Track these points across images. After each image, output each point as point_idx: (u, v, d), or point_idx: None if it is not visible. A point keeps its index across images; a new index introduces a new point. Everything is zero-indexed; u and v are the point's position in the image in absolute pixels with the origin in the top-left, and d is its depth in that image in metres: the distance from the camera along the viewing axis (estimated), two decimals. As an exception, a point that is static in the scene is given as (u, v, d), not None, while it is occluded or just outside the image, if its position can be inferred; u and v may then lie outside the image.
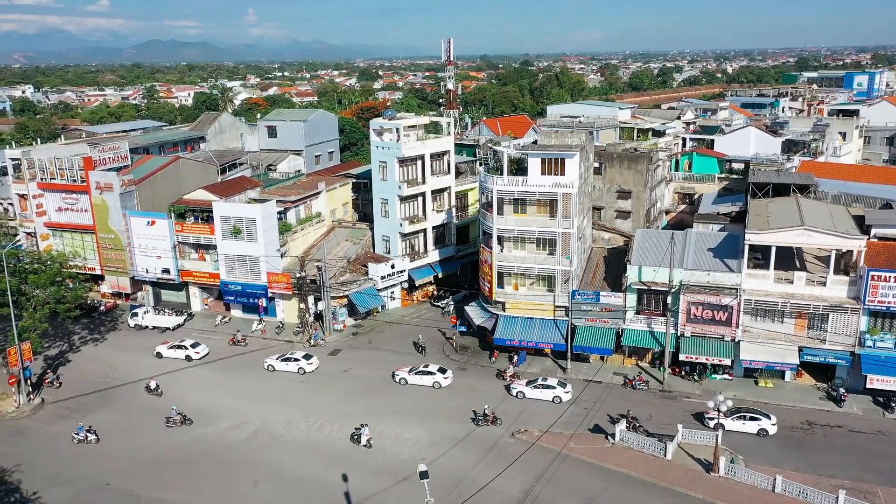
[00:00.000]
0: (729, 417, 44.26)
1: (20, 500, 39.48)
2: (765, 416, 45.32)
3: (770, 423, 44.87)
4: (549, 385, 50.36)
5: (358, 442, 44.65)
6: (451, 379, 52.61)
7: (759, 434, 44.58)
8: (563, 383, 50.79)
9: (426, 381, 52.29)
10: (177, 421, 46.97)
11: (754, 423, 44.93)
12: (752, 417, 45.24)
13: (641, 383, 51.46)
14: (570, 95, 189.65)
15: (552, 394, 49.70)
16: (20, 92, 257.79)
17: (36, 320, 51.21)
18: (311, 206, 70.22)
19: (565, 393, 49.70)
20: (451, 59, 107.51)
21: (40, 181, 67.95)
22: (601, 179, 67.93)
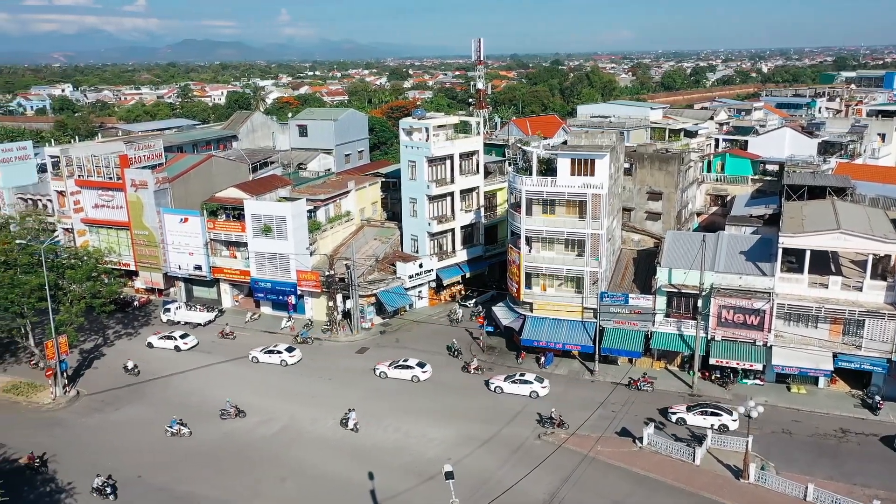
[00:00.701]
0: (690, 412, 46.09)
1: (55, 489, 40.45)
2: (726, 412, 45.93)
3: (731, 419, 45.45)
4: (526, 381, 50.97)
5: (345, 426, 46.26)
6: (429, 373, 53.37)
7: (720, 430, 44.93)
8: (539, 379, 51.41)
9: (405, 374, 53.23)
10: (231, 414, 47.79)
11: (715, 419, 45.65)
12: (712, 413, 46.00)
13: (646, 384, 51.14)
14: (601, 95, 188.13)
15: (529, 389, 50.42)
16: (60, 91, 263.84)
17: (72, 314, 52.32)
18: (341, 205, 70.74)
19: (542, 388, 50.45)
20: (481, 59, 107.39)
21: (78, 178, 69.50)
22: (631, 180, 67.26)
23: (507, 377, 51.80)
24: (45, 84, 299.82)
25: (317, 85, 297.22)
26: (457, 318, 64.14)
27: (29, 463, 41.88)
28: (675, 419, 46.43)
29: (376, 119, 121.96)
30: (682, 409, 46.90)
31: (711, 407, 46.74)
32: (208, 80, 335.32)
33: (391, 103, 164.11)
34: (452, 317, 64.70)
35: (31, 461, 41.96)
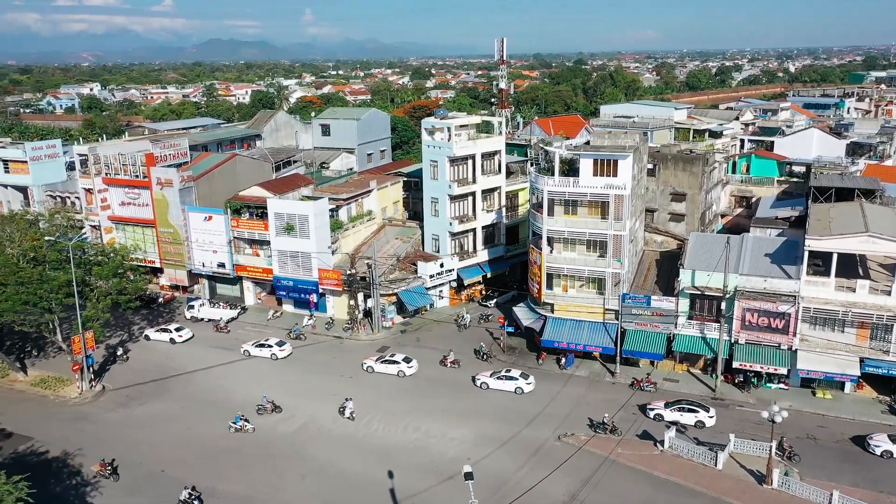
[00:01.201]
0: (668, 408, 46.60)
1: (81, 482, 41.13)
2: (703, 409, 46.36)
3: (707, 416, 45.86)
4: (511, 377, 51.46)
5: (342, 414, 47.88)
6: (415, 368, 54.27)
7: (696, 426, 45.52)
8: (525, 375, 51.77)
9: (391, 369, 54.22)
10: (268, 409, 48.40)
11: (692, 415, 46.05)
12: (689, 409, 46.37)
13: (649, 384, 50.82)
14: (625, 95, 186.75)
15: (514, 385, 50.92)
16: (88, 90, 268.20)
17: (99, 310, 53.13)
18: (363, 204, 71.05)
19: (527, 384, 50.89)
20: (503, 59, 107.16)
21: (105, 176, 70.60)
22: (655, 181, 66.67)
23: (492, 373, 52.36)
24: (73, 83, 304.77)
25: (340, 84, 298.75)
26: (464, 324, 62.74)
27: (100, 471, 40.90)
28: (654, 415, 46.87)
29: (398, 118, 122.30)
30: (661, 406, 47.29)
31: (688, 403, 47.05)
32: (233, 80, 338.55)
33: (413, 103, 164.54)
34: (460, 322, 63.16)
35: (102, 468, 41.00)
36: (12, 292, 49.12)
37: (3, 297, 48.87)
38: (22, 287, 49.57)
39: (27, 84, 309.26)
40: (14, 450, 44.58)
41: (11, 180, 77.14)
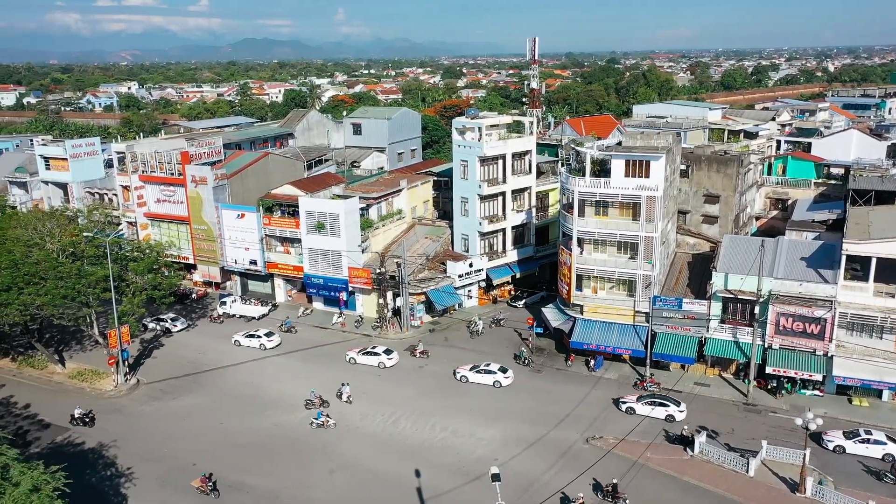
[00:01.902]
0: (639, 402, 47.61)
1: (116, 473, 42.05)
2: (674, 403, 47.18)
3: (678, 410, 46.69)
4: (490, 371, 52.52)
5: (340, 398, 49.82)
6: (395, 360, 55.61)
7: (667, 420, 46.17)
8: (503, 369, 52.92)
9: (372, 361, 55.51)
10: (316, 403, 49.14)
11: (662, 409, 46.84)
12: (660, 403, 47.16)
13: (652, 385, 50.87)
14: (658, 95, 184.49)
15: (493, 378, 52.07)
16: (126, 88, 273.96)
17: (134, 305, 54.20)
18: (393, 203, 71.35)
19: (505, 378, 52.04)
20: (535, 58, 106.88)
21: (142, 174, 72.01)
22: (688, 182, 65.80)
23: (472, 367, 53.33)
24: (112, 82, 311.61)
25: (371, 83, 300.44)
26: (477, 331, 61.21)
27: (201, 486, 39.82)
28: (626, 408, 47.70)
29: (429, 118, 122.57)
30: (633, 399, 48.14)
31: (659, 398, 47.96)
32: (266, 79, 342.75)
33: (444, 102, 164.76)
34: (472, 328, 61.57)
35: (203, 484, 39.87)
36: (52, 286, 50.36)
37: (43, 290, 50.12)
38: (61, 281, 50.80)
39: (68, 83, 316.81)
40: (52, 440, 45.78)
41: (52, 177, 79.10)
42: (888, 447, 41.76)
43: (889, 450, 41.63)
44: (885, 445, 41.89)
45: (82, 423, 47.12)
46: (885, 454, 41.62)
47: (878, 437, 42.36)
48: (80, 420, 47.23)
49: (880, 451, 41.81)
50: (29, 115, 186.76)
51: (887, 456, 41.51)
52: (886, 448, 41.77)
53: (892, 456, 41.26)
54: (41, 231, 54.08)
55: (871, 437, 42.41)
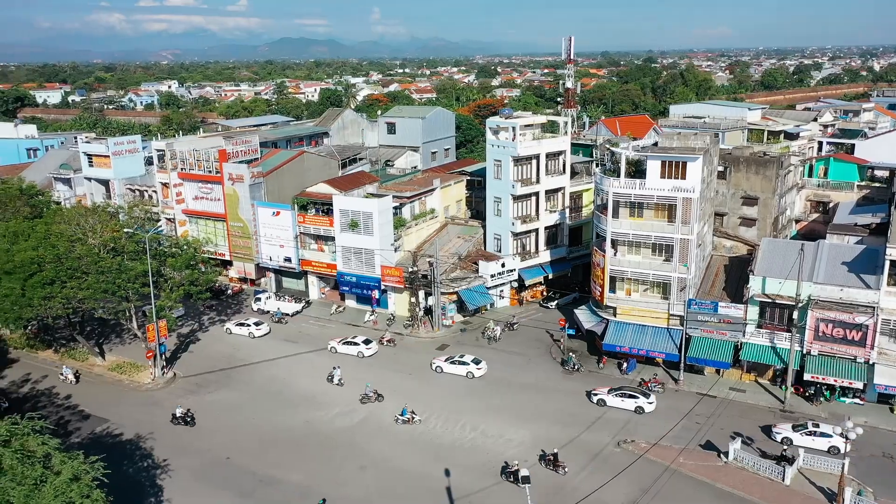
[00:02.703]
0: (610, 394, 48.88)
1: (152, 465, 42.98)
2: (643, 395, 48.46)
3: (647, 402, 47.92)
4: (463, 362, 54.01)
5: (331, 381, 52.34)
6: (373, 350, 57.56)
7: (637, 411, 47.38)
8: (476, 360, 54.21)
9: (351, 350, 57.60)
10: (371, 398, 49.93)
11: (632, 401, 48.05)
12: (630, 395, 48.42)
13: (657, 385, 50.78)
14: (696, 94, 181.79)
15: (465, 369, 53.59)
16: (166, 87, 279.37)
17: (172, 300, 55.30)
18: (426, 203, 71.55)
19: (478, 370, 53.53)
20: (571, 57, 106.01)
21: (180, 171, 73.37)
22: (725, 184, 64.67)
23: (447, 358, 55.14)
24: (153, 81, 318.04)
25: (406, 82, 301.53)
26: (494, 336, 59.89)
27: None
28: (596, 400, 49.10)
29: (463, 117, 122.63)
30: (604, 392, 49.38)
31: (630, 390, 49.19)
32: (302, 78, 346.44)
33: (478, 101, 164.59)
34: (489, 335, 60.29)
35: None
36: (93, 281, 51.62)
37: (85, 285, 51.41)
38: (102, 276, 52.04)
39: (111, 81, 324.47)
40: (91, 431, 46.97)
41: (95, 173, 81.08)
42: (833, 440, 42.64)
43: (834, 442, 42.53)
44: (830, 438, 42.93)
45: (183, 422, 47.10)
46: (831, 446, 42.76)
47: (824, 429, 43.49)
48: (181, 419, 47.26)
49: (826, 444, 43.06)
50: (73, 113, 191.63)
51: (833, 448, 42.64)
52: (832, 441, 42.79)
53: (838, 448, 42.09)
54: (84, 226, 55.41)
55: (818, 429, 43.68)
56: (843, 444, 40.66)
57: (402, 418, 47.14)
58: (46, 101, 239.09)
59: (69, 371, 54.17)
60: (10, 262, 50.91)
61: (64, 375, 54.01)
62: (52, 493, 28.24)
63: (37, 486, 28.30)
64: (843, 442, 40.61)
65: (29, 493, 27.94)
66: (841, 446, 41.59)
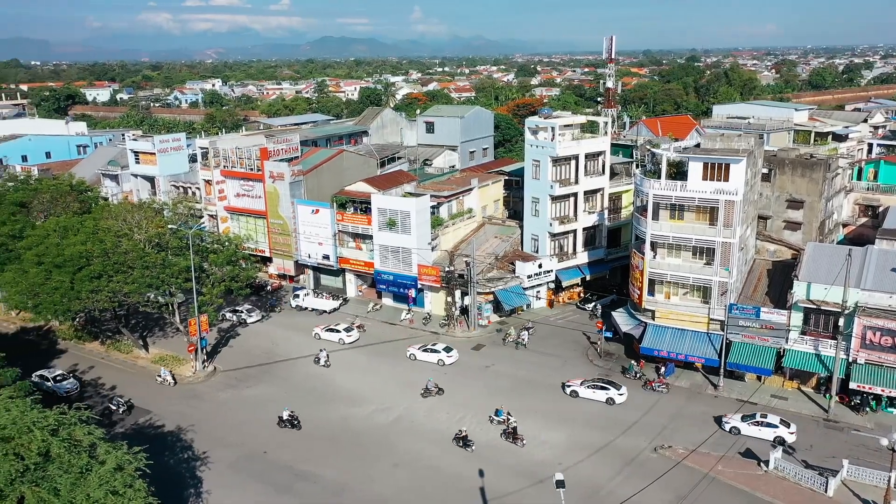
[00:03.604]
0: (583, 386, 50.34)
1: (192, 456, 43.93)
2: (614, 387, 49.80)
3: (617, 393, 49.34)
4: (435, 350, 56.47)
5: (318, 363, 55.56)
6: (354, 337, 60.25)
7: (608, 402, 48.95)
8: (448, 349, 56.59)
9: (333, 337, 59.94)
10: (433, 391, 50.67)
11: (603, 392, 49.59)
12: (601, 387, 49.95)
13: (661, 385, 50.71)
14: (740, 94, 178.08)
15: (437, 357, 56.05)
16: (210, 85, 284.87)
17: (213, 296, 56.39)
18: (463, 202, 71.57)
19: (448, 357, 55.89)
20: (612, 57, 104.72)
21: (223, 169, 74.73)
22: (770, 187, 63.28)
23: (420, 346, 57.48)
24: (198, 79, 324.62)
25: (445, 81, 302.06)
26: (522, 342, 58.88)
27: None
28: (570, 392, 50.49)
29: (502, 116, 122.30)
30: (577, 383, 50.82)
31: (602, 382, 50.62)
32: (343, 76, 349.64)
33: (517, 101, 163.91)
34: (518, 340, 59.17)
35: None
36: (138, 275, 52.94)
37: (131, 279, 52.75)
38: (147, 271, 53.34)
39: (157, 80, 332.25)
40: (135, 421, 48.21)
41: (141, 170, 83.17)
42: (779, 430, 44.44)
43: (780, 433, 44.31)
44: (776, 428, 44.58)
45: (290, 425, 46.75)
46: (776, 437, 44.24)
47: (771, 420, 45.07)
48: (288, 422, 46.92)
49: (771, 434, 44.50)
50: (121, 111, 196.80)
51: (777, 438, 44.11)
52: (777, 431, 44.46)
53: (783, 438, 43.99)
54: (130, 222, 56.86)
55: (766, 419, 45.15)
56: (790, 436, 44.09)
57: (498, 419, 46.73)
58: (96, 99, 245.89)
59: (167, 373, 53.86)
60: (61, 255, 52.53)
61: (162, 377, 53.60)
62: (97, 481, 29.05)
63: (82, 475, 29.14)
64: (787, 433, 44.26)
65: (75, 481, 28.78)
66: (786, 437, 43.91)
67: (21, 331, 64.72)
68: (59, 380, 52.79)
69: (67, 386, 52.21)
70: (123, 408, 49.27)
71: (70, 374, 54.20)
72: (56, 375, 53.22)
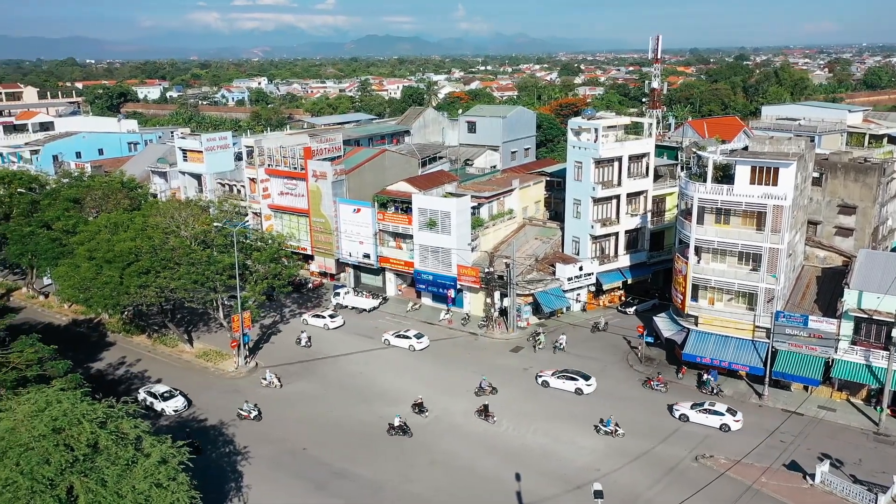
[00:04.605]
0: (553, 377, 52.04)
1: (233, 451, 44.78)
2: (583, 378, 51.46)
3: (586, 384, 51.16)
4: (406, 336, 59.59)
5: (299, 343, 58.58)
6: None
7: (576, 392, 50.75)
8: (419, 335, 59.42)
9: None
10: (486, 391, 50.85)
11: (571, 383, 51.37)
12: (569, 378, 51.63)
13: (660, 384, 51.29)
14: (791, 94, 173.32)
15: (408, 343, 59.02)
16: (256, 84, 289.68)
17: (256, 293, 57.38)
18: (504, 203, 71.34)
19: (418, 343, 58.88)
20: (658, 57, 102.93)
21: (268, 167, 75.91)
22: (820, 191, 61.46)
23: (394, 332, 60.42)
24: (244, 77, 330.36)
25: (488, 80, 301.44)
26: (561, 346, 58.18)
27: None
28: (541, 382, 52.32)
29: (544, 116, 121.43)
30: (548, 374, 52.62)
31: (571, 372, 52.18)
32: (386, 75, 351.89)
33: (560, 100, 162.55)
34: (539, 347, 58.64)
35: None
36: (184, 272, 54.17)
37: (177, 275, 54.01)
38: (192, 267, 54.53)
39: (206, 78, 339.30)
40: (179, 414, 49.34)
41: (189, 168, 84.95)
42: (725, 418, 46.21)
43: (725, 420, 46.13)
44: (722, 416, 46.34)
45: (402, 431, 46.07)
46: (722, 424, 46.02)
47: (718, 408, 47.02)
48: (399, 429, 46.17)
49: (717, 422, 46.19)
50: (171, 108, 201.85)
51: (724, 426, 45.88)
52: (723, 419, 46.20)
53: (728, 426, 45.97)
54: (177, 219, 58.18)
55: (713, 407, 47.14)
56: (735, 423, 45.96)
57: (606, 429, 45.89)
58: (147, 97, 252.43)
59: (272, 376, 53.28)
60: (111, 251, 54.05)
61: (267, 380, 53.02)
62: (142, 473, 29.87)
63: (128, 467, 29.99)
64: (733, 420, 46.16)
65: (121, 473, 29.64)
66: (731, 425, 45.82)
67: (73, 322, 66.90)
68: (167, 397, 49.69)
69: (177, 405, 49.32)
70: (255, 412, 48.25)
71: (177, 391, 50.63)
72: (164, 392, 50.08)
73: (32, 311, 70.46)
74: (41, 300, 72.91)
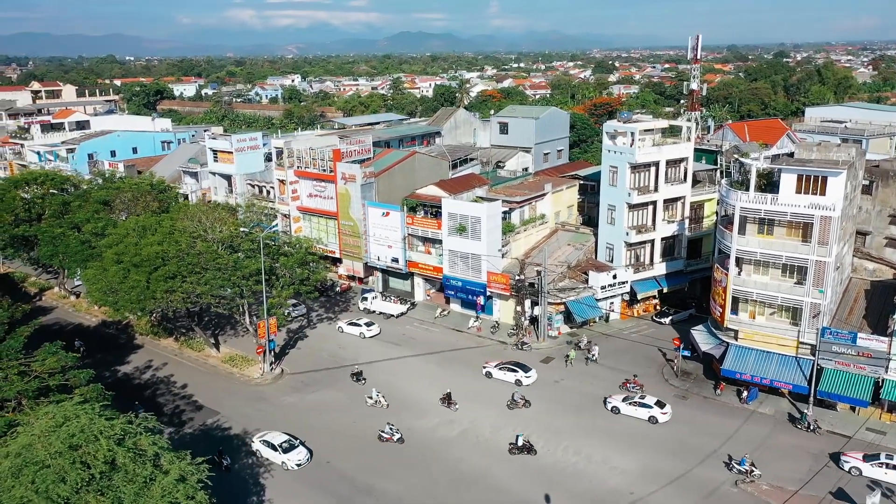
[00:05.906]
0: (496, 368, 54.12)
1: (256, 462, 43.79)
2: (522, 369, 53.08)
3: (524, 376, 52.72)
4: (357, 324, 62.75)
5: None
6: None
7: (516, 384, 52.02)
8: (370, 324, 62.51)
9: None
10: (519, 404, 49.69)
11: (512, 374, 53.01)
12: (510, 369, 53.39)
13: (636, 387, 51.29)
14: (834, 94, 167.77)
15: (358, 330, 62.14)
16: (290, 81, 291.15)
17: (282, 298, 56.62)
18: (536, 207, 69.62)
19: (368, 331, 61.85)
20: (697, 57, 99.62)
21: (297, 169, 75.27)
22: (870, 200, 58.55)
23: (347, 321, 63.39)
24: (278, 75, 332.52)
25: (520, 78, 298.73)
26: (593, 357, 56.27)
27: None
28: (485, 373, 54.24)
29: (578, 116, 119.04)
30: (492, 365, 54.49)
31: (512, 364, 53.90)
32: (418, 72, 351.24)
33: (594, 100, 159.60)
34: (569, 362, 56.01)
35: None
36: (211, 276, 53.61)
37: (203, 280, 53.47)
38: (219, 272, 53.93)
39: (240, 75, 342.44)
40: (203, 422, 48.77)
41: (219, 168, 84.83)
42: (653, 410, 47.46)
43: (653, 413, 47.33)
44: (651, 409, 47.59)
45: (526, 451, 44.11)
46: (650, 416, 47.25)
47: (647, 401, 48.20)
48: (524, 449, 44.19)
49: (646, 414, 47.55)
50: (206, 106, 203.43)
51: (652, 418, 47.14)
52: (651, 411, 47.38)
53: (656, 419, 47.01)
54: (204, 223, 57.67)
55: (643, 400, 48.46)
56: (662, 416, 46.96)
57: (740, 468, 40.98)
58: (182, 94, 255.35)
59: (379, 395, 50.48)
60: (138, 255, 53.72)
61: (374, 398, 50.38)
62: (160, 492, 29.06)
63: (146, 485, 29.21)
64: (660, 413, 47.08)
65: (138, 491, 28.88)
66: (659, 417, 46.80)
67: (102, 324, 67.07)
68: (287, 448, 43.77)
69: (300, 458, 43.49)
70: (398, 435, 45.65)
71: (297, 440, 44.76)
72: (282, 443, 44.12)
73: (63, 311, 70.91)
74: (72, 300, 73.38)
